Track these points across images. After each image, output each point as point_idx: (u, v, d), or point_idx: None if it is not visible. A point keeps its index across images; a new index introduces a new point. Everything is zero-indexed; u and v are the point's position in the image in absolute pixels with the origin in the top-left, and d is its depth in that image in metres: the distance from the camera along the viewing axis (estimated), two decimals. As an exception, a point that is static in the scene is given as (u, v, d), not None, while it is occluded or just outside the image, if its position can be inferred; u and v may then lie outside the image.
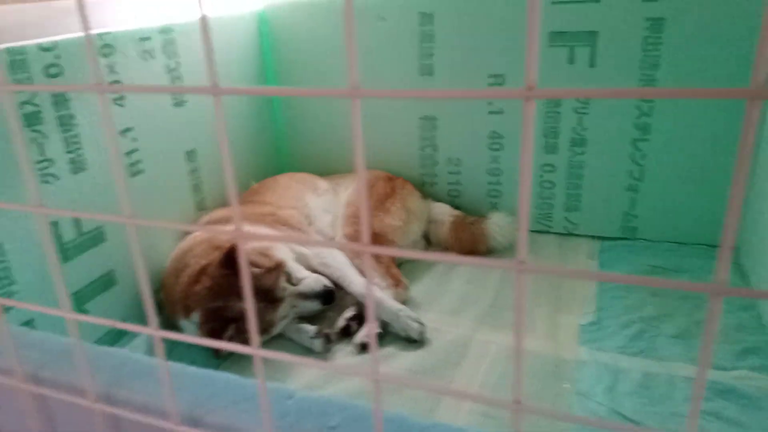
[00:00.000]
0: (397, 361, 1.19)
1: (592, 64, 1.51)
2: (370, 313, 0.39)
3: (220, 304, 1.21)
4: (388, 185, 1.63)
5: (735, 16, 1.35)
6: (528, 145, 0.31)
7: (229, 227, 1.24)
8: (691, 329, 1.20)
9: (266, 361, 1.24)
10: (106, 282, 1.27)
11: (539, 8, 0.29)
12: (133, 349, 1.26)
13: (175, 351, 1.25)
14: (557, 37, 1.51)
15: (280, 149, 1.96)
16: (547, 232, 1.69)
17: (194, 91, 0.37)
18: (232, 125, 1.71)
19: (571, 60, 1.52)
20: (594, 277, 0.35)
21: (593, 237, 1.64)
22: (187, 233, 1.43)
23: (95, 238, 1.23)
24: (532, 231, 1.69)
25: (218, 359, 1.25)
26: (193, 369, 0.52)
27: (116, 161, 0.43)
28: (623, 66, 1.48)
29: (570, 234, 1.67)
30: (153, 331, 0.44)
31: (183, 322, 1.27)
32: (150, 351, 1.25)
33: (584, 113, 1.56)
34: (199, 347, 1.26)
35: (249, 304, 0.41)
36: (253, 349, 0.44)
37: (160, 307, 1.37)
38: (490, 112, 1.65)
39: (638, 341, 1.18)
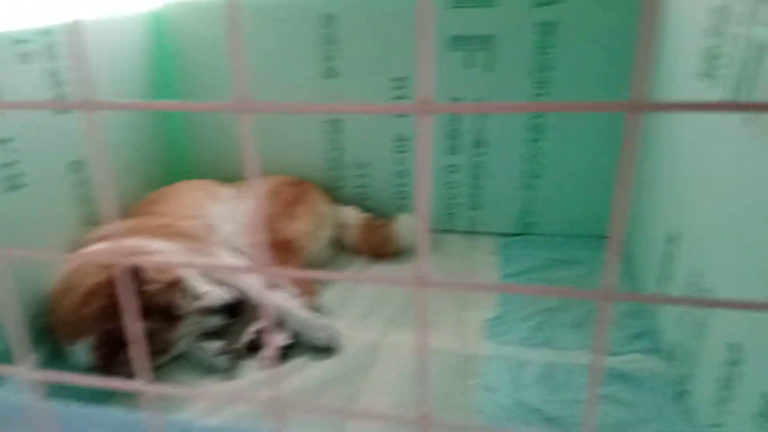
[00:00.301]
0: (307, 371, 1.17)
1: (488, 68, 1.56)
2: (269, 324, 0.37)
3: (114, 326, 1.13)
4: (294, 190, 1.61)
5: (621, 21, 1.44)
6: (426, 159, 0.31)
7: (123, 243, 1.15)
8: (587, 318, 1.27)
9: (170, 379, 1.18)
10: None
11: (433, 23, 0.29)
12: (13, 385, 1.15)
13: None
14: (455, 41, 1.55)
15: (178, 156, 1.87)
16: (452, 231, 1.73)
17: (63, 106, 0.34)
18: (123, 132, 1.61)
19: (469, 64, 1.57)
20: (495, 289, 0.35)
21: (495, 234, 1.70)
22: (76, 249, 1.33)
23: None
24: (438, 231, 1.73)
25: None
26: (77, 409, 0.48)
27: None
28: (518, 69, 1.54)
29: (473, 232, 1.72)
30: (28, 372, 0.40)
31: (74, 347, 1.18)
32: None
33: (484, 115, 1.62)
34: (92, 372, 1.17)
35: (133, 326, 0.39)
36: (142, 384, 0.41)
37: (51, 330, 1.26)
38: (396, 116, 1.67)
39: (539, 332, 1.24)
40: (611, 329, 1.23)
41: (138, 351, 0.39)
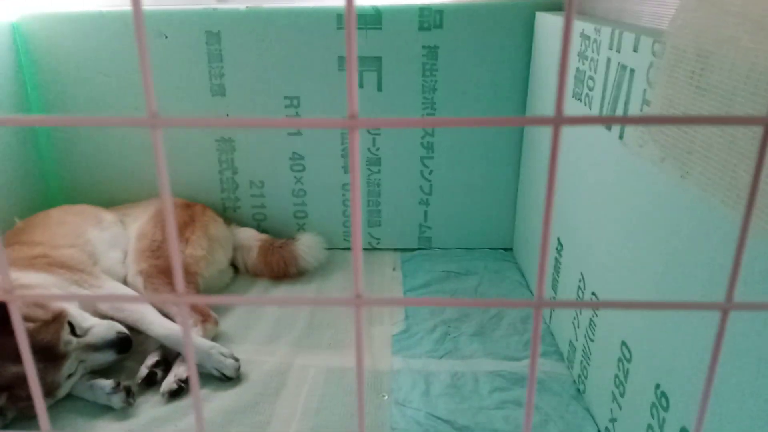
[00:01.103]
0: (212, 403, 1.11)
1: (379, 88, 1.60)
2: (193, 371, 0.34)
3: (-16, 371, 1.01)
4: (186, 213, 1.53)
5: (495, 44, 1.54)
6: (355, 173, 0.31)
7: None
8: (486, 326, 1.33)
9: (57, 424, 1.06)
10: None
11: (355, 43, 0.29)
12: None
13: None
14: (345, 61, 1.57)
15: (50, 180, 1.70)
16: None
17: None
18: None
19: (361, 84, 1.59)
20: (426, 303, 0.35)
21: (395, 249, 1.73)
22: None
23: None
24: (341, 249, 1.72)
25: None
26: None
27: None
28: (407, 89, 1.59)
29: (374, 248, 1.74)
30: None
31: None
32: None
33: (377, 134, 1.65)
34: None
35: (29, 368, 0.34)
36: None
37: None
38: (289, 134, 1.65)
39: (443, 343, 1.27)
40: (510, 334, 1.30)
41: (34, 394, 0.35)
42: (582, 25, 1.13)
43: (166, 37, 1.56)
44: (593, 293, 1.07)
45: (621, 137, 0.94)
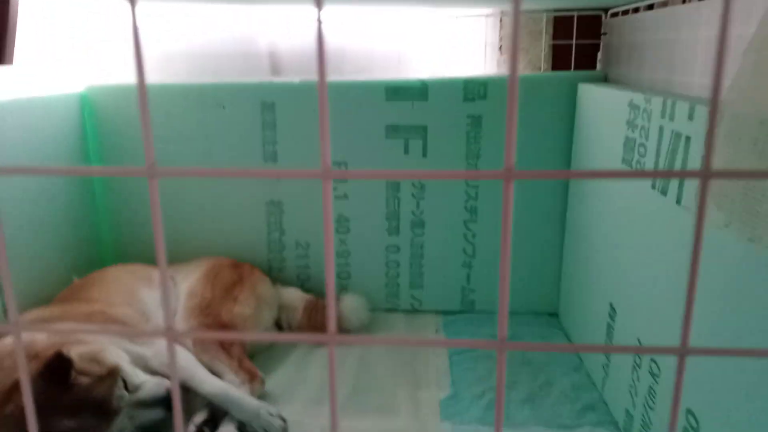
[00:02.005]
0: (261, 464, 1.09)
1: (424, 154, 1.65)
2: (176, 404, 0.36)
3: (41, 425, 1.01)
4: (234, 272, 1.56)
5: (537, 114, 1.59)
6: (329, 223, 0.33)
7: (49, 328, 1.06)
8: (536, 392, 1.29)
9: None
10: None
11: (326, 85, 0.31)
12: None
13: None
14: (393, 130, 1.63)
15: (104, 239, 1.77)
16: (395, 310, 1.74)
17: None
18: (46, 214, 1.51)
19: (407, 150, 1.65)
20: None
21: (437, 311, 1.72)
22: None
23: None
24: (382, 310, 1.72)
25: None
26: None
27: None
28: (451, 156, 1.64)
29: (416, 310, 1.74)
30: None
31: (-12, 453, 1.04)
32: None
33: (421, 198, 1.68)
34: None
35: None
36: None
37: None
38: (336, 197, 1.70)
39: (493, 410, 1.24)
40: (561, 402, 1.26)
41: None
42: (630, 95, 1.17)
43: (224, 108, 1.65)
44: (653, 359, 1.04)
45: (678, 202, 0.95)
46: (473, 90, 1.58)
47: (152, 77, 1.79)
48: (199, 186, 1.71)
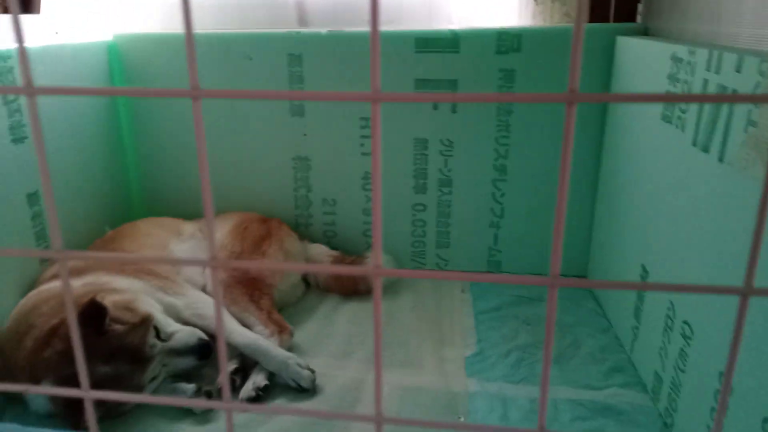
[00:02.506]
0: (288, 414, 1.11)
1: (453, 110, 1.61)
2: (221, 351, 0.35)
3: (75, 370, 1.04)
4: (263, 227, 1.57)
5: (566, 67, 1.53)
6: (377, 144, 0.31)
7: (84, 279, 1.08)
8: (564, 353, 1.29)
9: (140, 425, 1.09)
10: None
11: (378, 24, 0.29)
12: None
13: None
14: (421, 83, 1.59)
15: (134, 192, 1.79)
16: (421, 269, 1.73)
17: (7, 91, 0.32)
18: (78, 166, 1.52)
19: (436, 105, 1.61)
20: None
21: (462, 272, 1.71)
22: (33, 287, 1.23)
23: None
24: (408, 268, 1.72)
25: (77, 433, 1.07)
26: None
27: None
28: (481, 112, 1.60)
29: (441, 270, 1.73)
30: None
31: (29, 395, 1.08)
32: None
33: (449, 155, 1.65)
34: (53, 420, 1.07)
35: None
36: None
37: (4, 374, 1.14)
38: (363, 154, 1.68)
39: (519, 369, 1.24)
40: (588, 363, 1.25)
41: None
42: (672, 48, 1.12)
43: (251, 59, 1.63)
44: (685, 322, 1.02)
45: (721, 159, 0.91)
46: (507, 42, 1.52)
47: (179, 27, 1.77)
48: (227, 140, 1.70)
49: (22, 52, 0.30)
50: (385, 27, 1.62)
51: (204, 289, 1.41)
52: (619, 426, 1.06)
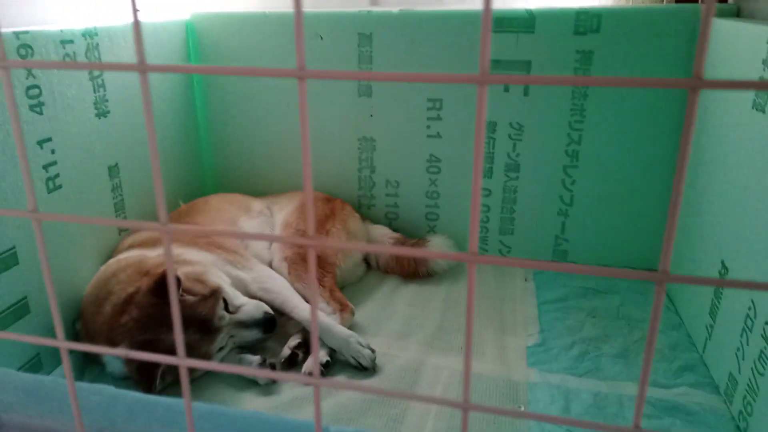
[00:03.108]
0: (349, 390, 1.13)
1: (525, 93, 1.57)
2: (315, 338, 0.35)
3: (150, 336, 1.10)
4: (326, 206, 1.59)
5: (655, 52, 1.45)
6: (481, 126, 0.30)
7: (158, 251, 1.12)
8: (631, 349, 1.25)
9: (207, 392, 1.14)
10: (18, 310, 1.11)
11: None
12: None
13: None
14: (494, 65, 1.55)
15: (207, 168, 1.85)
16: (483, 255, 1.71)
17: (120, 68, 0.33)
18: (156, 141, 1.59)
19: (507, 87, 1.57)
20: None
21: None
22: (111, 255, 1.30)
23: (7, 261, 1.08)
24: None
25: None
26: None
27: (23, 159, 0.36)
28: (555, 95, 1.55)
29: (504, 256, 1.70)
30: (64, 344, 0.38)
31: (106, 357, 1.14)
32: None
33: (518, 140, 1.61)
34: (127, 383, 1.13)
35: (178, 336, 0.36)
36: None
37: (78, 338, 1.22)
38: (429, 136, 1.66)
39: (583, 362, 1.21)
40: (657, 360, 1.21)
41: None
42: (770, 30, 1.03)
43: (322, 38, 1.63)
44: (763, 323, 0.96)
45: (823, 152, 0.84)
46: (585, 22, 1.46)
47: (252, 4, 1.80)
48: (294, 119, 1.73)
49: (137, 31, 0.31)
50: (456, 6, 1.58)
51: (270, 264, 1.44)
52: (688, 426, 1.01)
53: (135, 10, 0.31)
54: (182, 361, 0.35)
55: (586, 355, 1.23)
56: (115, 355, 1.01)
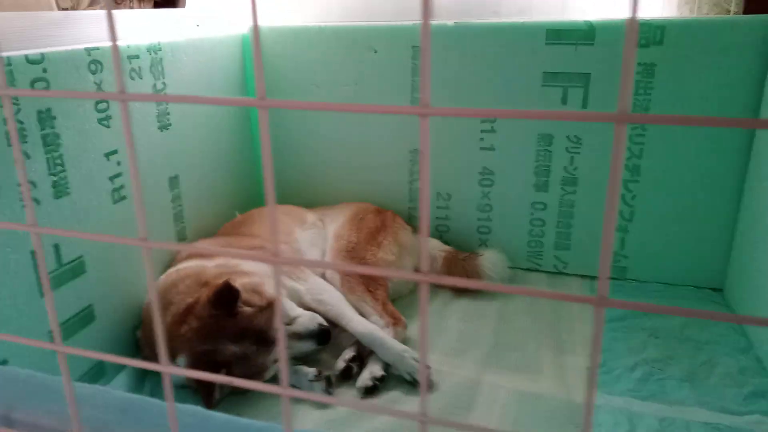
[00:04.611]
0: (404, 405, 1.12)
1: (584, 105, 1.53)
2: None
3: (209, 347, 1.11)
4: (378, 218, 1.58)
5: (721, 65, 1.40)
6: (425, 160, 0.28)
7: (216, 261, 1.13)
8: (698, 372, 1.19)
9: (264, 410, 1.14)
10: (84, 318, 1.15)
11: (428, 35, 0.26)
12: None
13: (158, 397, 1.13)
14: (550, 77, 1.53)
15: (261, 179, 1.87)
16: (537, 270, 1.68)
17: (100, 96, 0.33)
18: (214, 153, 1.62)
19: (565, 100, 1.54)
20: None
21: (582, 276, 1.64)
22: (170, 266, 1.33)
23: (75, 269, 1.12)
24: (522, 269, 1.67)
25: (208, 408, 1.14)
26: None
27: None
28: (615, 107, 1.50)
29: (560, 273, 1.66)
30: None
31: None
32: (131, 391, 1.13)
33: (576, 153, 1.57)
34: (187, 394, 1.15)
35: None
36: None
37: (138, 347, 1.25)
38: (482, 148, 1.64)
39: (647, 384, 1.16)
40: (727, 385, 1.15)
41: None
42: None
43: (375, 52, 1.64)
44: None
45: None
46: (648, 34, 1.42)
47: (309, 18, 1.82)
48: (347, 132, 1.74)
49: (116, 59, 0.31)
50: (515, 18, 1.57)
51: (324, 276, 1.45)
52: (768, 460, 0.96)
53: (114, 39, 0.31)
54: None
55: (651, 378, 1.18)
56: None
